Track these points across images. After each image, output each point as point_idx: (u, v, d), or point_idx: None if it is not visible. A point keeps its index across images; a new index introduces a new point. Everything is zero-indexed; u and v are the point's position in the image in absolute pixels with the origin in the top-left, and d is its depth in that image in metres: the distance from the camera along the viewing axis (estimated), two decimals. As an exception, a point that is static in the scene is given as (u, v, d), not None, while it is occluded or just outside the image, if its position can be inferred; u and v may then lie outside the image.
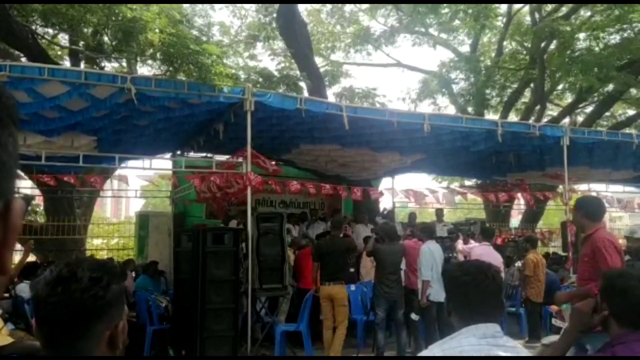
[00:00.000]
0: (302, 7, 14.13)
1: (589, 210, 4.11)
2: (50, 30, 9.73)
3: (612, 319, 2.03)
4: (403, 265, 7.48)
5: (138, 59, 7.94)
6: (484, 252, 7.33)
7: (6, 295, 6.61)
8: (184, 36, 6.62)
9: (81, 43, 9.62)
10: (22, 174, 9.24)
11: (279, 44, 15.19)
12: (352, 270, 8.88)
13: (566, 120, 16.61)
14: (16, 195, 0.63)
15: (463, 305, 1.87)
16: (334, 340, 6.85)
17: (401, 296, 7.15)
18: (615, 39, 14.02)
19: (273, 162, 8.49)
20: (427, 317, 7.32)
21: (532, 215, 16.44)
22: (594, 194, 12.95)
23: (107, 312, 1.18)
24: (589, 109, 16.98)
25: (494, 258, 6.95)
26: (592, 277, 3.85)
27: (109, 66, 11.58)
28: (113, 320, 1.20)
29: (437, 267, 7.06)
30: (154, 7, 6.84)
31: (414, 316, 7.27)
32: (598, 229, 4.00)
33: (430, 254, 7.17)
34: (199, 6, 12.91)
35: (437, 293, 6.95)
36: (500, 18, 16.10)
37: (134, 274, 9.53)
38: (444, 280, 2.04)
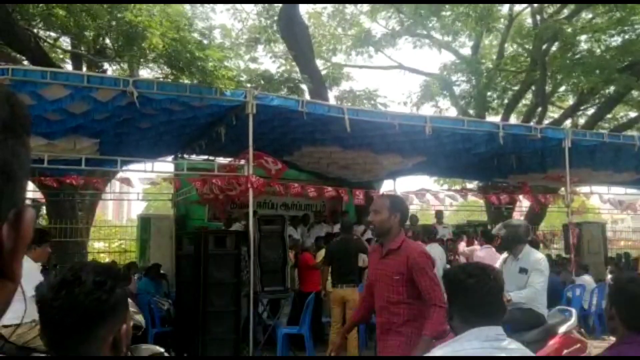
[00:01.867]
0: (303, 10, 14.16)
1: (405, 214, 3.41)
2: (52, 34, 9.74)
3: (620, 324, 2.03)
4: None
5: (141, 62, 7.95)
6: (486, 254, 7.32)
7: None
8: (186, 42, 6.63)
9: (82, 47, 9.64)
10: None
11: (280, 47, 15.20)
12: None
13: (568, 122, 16.59)
14: (27, 203, 0.63)
15: (466, 307, 1.87)
16: (350, 343, 6.74)
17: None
18: (616, 41, 14.01)
19: (278, 163, 8.42)
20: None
21: (534, 217, 16.41)
22: (596, 196, 12.97)
23: (111, 316, 1.19)
24: (591, 111, 16.96)
25: (496, 260, 6.92)
26: (407, 301, 3.21)
27: (111, 69, 11.61)
28: (117, 324, 1.21)
29: (437, 271, 6.97)
30: (157, 10, 6.84)
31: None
32: (405, 240, 3.32)
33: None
34: (200, 9, 12.92)
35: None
36: (501, 20, 16.10)
37: (136, 277, 9.53)
38: (446, 284, 2.03)
